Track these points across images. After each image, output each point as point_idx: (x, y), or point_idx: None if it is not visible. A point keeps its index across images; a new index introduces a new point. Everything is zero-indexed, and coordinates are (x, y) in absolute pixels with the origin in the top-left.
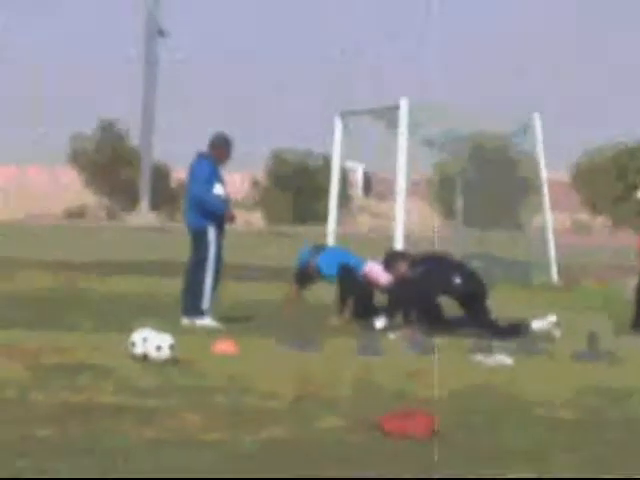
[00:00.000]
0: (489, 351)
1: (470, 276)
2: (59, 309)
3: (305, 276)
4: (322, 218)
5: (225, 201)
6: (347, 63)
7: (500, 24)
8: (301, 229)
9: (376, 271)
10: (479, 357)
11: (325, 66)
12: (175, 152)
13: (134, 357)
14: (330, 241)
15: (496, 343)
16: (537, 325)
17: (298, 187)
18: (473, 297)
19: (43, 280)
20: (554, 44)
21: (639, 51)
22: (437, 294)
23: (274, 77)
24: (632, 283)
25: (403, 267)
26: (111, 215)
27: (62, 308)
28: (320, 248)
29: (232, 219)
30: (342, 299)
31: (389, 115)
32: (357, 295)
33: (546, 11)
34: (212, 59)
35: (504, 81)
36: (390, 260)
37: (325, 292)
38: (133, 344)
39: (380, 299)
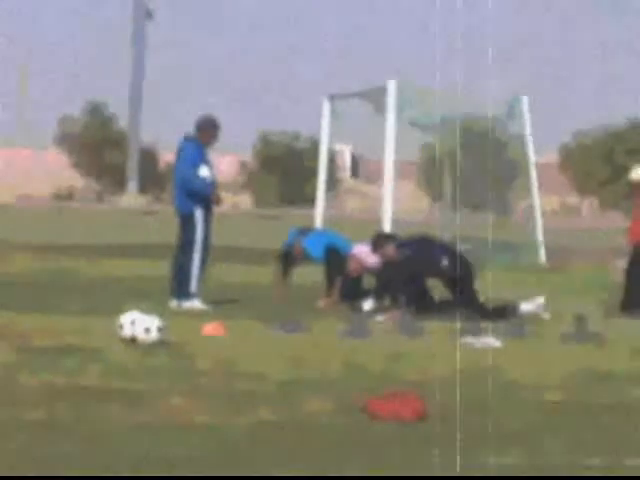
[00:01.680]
0: (477, 333)
1: (458, 258)
2: (47, 292)
3: (290, 258)
4: (310, 200)
5: (211, 184)
6: (337, 45)
7: (488, 7)
8: (289, 211)
9: (364, 253)
10: (467, 339)
11: (315, 49)
12: (163, 135)
13: (122, 340)
14: (318, 223)
15: (484, 325)
16: (525, 307)
17: (286, 170)
18: (461, 280)
19: (32, 263)
20: (542, 26)
21: (628, 33)
22: (425, 276)
23: (264, 59)
24: (620, 265)
25: (391, 249)
26: (99, 198)
27: (50, 291)
28: (307, 230)
29: (218, 202)
30: (329, 281)
31: (377, 97)
32: (345, 277)
33: None
34: (201, 42)
35: (492, 63)
36: (378, 242)
37: (312, 274)
38: (121, 326)
39: (368, 281)
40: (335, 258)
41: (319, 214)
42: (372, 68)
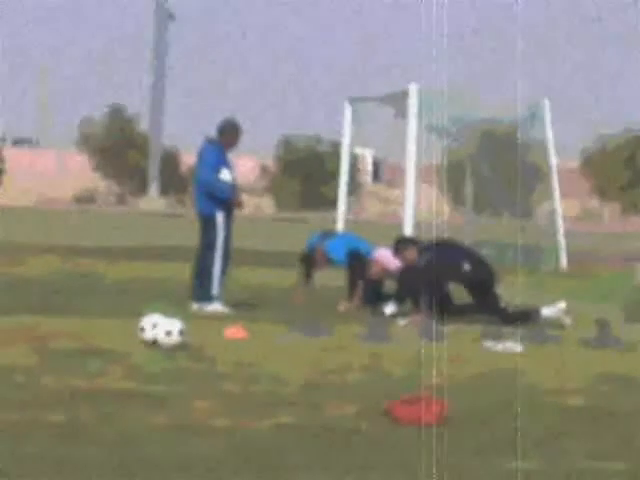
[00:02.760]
0: (499, 338)
1: (479, 263)
2: (69, 294)
3: (312, 261)
4: (331, 204)
5: (232, 187)
6: (357, 48)
7: (507, 10)
8: (310, 215)
9: (386, 257)
10: (489, 344)
11: (336, 52)
12: (184, 137)
13: (144, 342)
14: (339, 227)
15: (506, 330)
16: (547, 312)
17: (307, 173)
18: (482, 284)
19: (53, 265)
20: (563, 29)
21: None
22: (446, 281)
23: (284, 62)
24: None
25: (412, 254)
26: (120, 200)
27: (72, 293)
28: (329, 234)
29: (239, 205)
30: (351, 285)
31: (398, 101)
32: (366, 281)
33: None
34: (222, 44)
35: (513, 67)
36: (399, 246)
37: (334, 277)
38: (143, 329)
39: (390, 285)
40: (357, 262)
41: (340, 218)
42: (393, 71)
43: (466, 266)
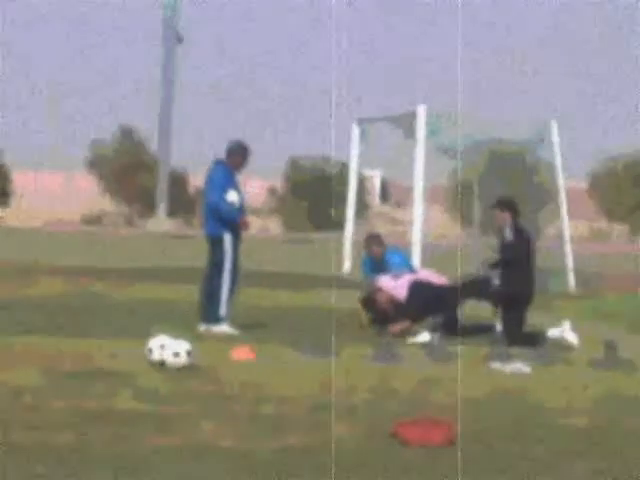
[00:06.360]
0: (507, 359)
1: (516, 279)
2: (77, 315)
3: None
4: (339, 225)
5: (239, 208)
6: (364, 68)
7: (518, 31)
8: (317, 236)
9: (389, 285)
10: (497, 365)
11: (342, 71)
12: (193, 158)
13: (151, 364)
14: (347, 248)
15: (514, 351)
16: (554, 333)
17: (315, 194)
18: (513, 299)
19: (61, 286)
20: (571, 50)
21: None
22: (478, 298)
23: (292, 84)
24: None
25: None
26: (129, 222)
27: (80, 314)
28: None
29: (246, 226)
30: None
31: (406, 122)
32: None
33: (565, 17)
34: (230, 66)
35: (521, 89)
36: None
37: (342, 299)
38: (150, 351)
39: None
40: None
41: (348, 239)
42: (401, 93)
43: (495, 281)
